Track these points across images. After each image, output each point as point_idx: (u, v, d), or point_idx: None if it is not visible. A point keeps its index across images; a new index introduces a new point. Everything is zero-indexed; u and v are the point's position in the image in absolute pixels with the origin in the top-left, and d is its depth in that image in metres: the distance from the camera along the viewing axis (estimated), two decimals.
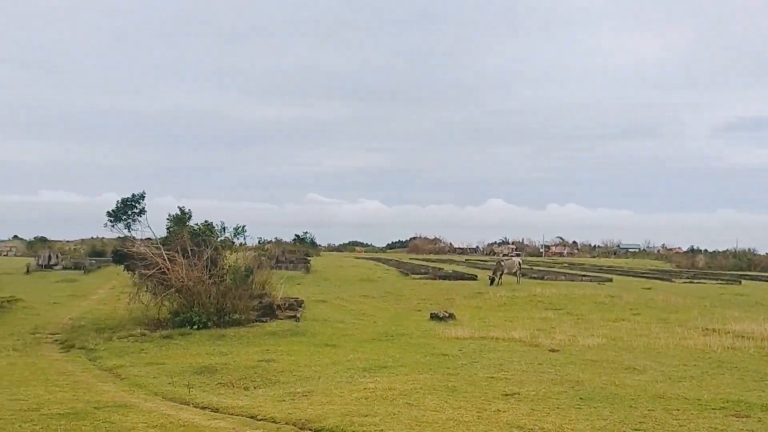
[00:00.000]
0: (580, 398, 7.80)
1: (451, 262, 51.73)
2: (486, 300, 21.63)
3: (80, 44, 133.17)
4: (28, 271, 30.23)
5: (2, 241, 63.77)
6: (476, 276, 32.05)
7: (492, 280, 27.48)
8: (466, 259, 59.05)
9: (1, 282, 18.72)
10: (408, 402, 7.57)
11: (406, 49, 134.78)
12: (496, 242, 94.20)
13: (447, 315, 16.96)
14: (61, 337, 14.31)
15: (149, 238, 17.74)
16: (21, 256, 47.97)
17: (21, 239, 65.71)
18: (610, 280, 32.37)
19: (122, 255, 17.32)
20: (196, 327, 14.40)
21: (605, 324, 16.11)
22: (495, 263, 31.57)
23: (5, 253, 50.61)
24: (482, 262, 49.87)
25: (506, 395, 7.99)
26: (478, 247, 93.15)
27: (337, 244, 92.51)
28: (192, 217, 17.97)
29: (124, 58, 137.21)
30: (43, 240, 56.48)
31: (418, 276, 33.20)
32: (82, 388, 8.59)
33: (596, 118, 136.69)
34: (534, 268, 40.52)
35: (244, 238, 18.28)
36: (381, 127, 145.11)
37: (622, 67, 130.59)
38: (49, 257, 33.41)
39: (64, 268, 32.59)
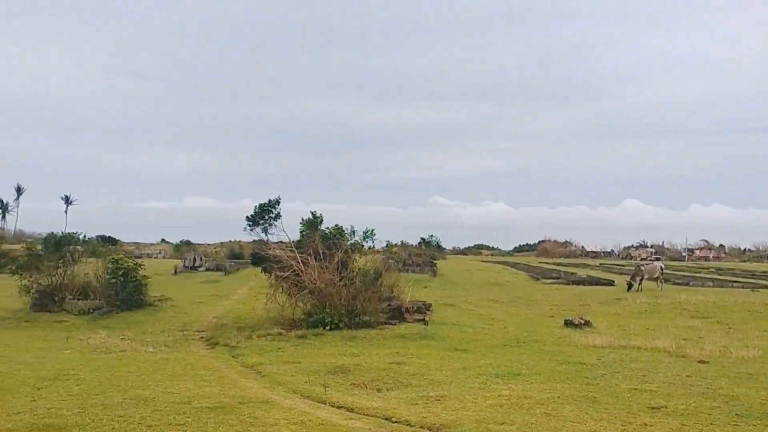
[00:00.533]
0: (736, 414, 7.18)
1: (584, 266, 49.73)
2: (625, 307, 20.56)
3: (219, 59, 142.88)
4: (175, 273, 32.77)
5: (151, 244, 69.74)
6: (613, 281, 30.57)
7: (630, 286, 26.10)
8: (600, 263, 56.50)
9: (152, 282, 20.34)
10: (546, 411, 7.34)
11: (532, 48, 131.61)
12: (633, 245, 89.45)
13: (583, 322, 16.30)
14: (206, 334, 15.33)
15: (282, 242, 18.58)
16: (169, 258, 52.10)
17: (168, 242, 71.49)
18: (766, 287, 29.62)
19: (260, 257, 18.28)
20: (328, 328, 14.88)
21: (761, 334, 14.75)
22: (634, 268, 29.99)
23: (155, 256, 55.13)
24: (618, 267, 47.53)
25: (652, 408, 7.53)
26: (613, 250, 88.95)
27: (462, 247, 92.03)
28: (323, 221, 18.64)
29: (258, 70, 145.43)
30: (188, 243, 60.99)
31: (550, 280, 32.23)
32: (228, 384, 9.14)
33: (743, 111, 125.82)
34: (677, 273, 37.98)
35: (373, 242, 18.66)
36: (506, 127, 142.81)
37: None
38: (194, 259, 36.03)
39: (207, 269, 35.01)
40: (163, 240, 78.63)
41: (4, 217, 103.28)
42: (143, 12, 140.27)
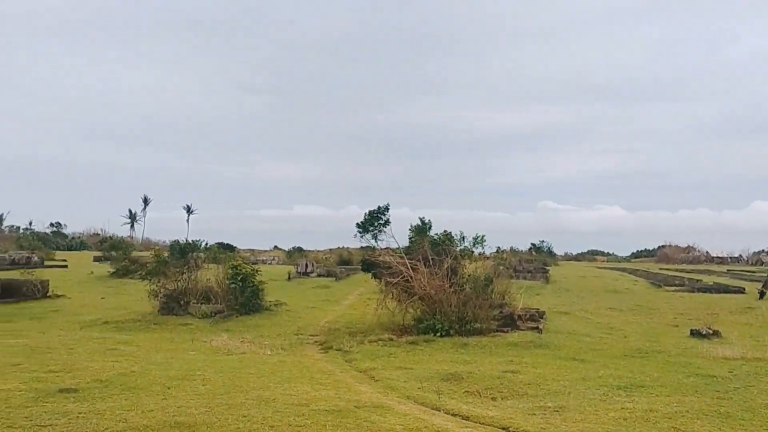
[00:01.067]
0: None
1: (710, 272, 46.57)
2: (757, 316, 19.07)
3: (325, 70, 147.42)
4: (289, 278, 33.96)
5: (265, 250, 72.65)
6: (743, 288, 28.42)
7: (762, 294, 24.21)
8: (727, 270, 52.66)
9: (268, 287, 21.21)
10: (674, 426, 6.92)
11: (648, 44, 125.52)
12: (764, 251, 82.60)
13: (711, 332, 15.27)
14: (320, 338, 15.77)
15: (389, 248, 18.77)
16: (282, 264, 54.10)
17: (280, 249, 74.24)
18: None
19: (370, 264, 18.59)
20: (439, 334, 14.87)
21: None
22: (766, 274, 27.73)
23: (269, 262, 57.42)
24: (749, 273, 44.10)
25: None
26: (741, 255, 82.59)
27: (574, 253, 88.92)
28: (432, 227, 18.67)
29: (364, 79, 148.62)
30: (299, 250, 63.08)
31: (672, 288, 30.47)
32: (343, 388, 9.34)
33: None
34: None
35: (483, 248, 18.46)
36: (620, 128, 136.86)
37: None
38: (306, 265, 37.20)
39: (319, 275, 36.02)
40: (275, 247, 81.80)
41: (132, 226, 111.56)
42: (252, 30, 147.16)
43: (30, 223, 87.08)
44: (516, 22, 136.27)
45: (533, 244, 62.01)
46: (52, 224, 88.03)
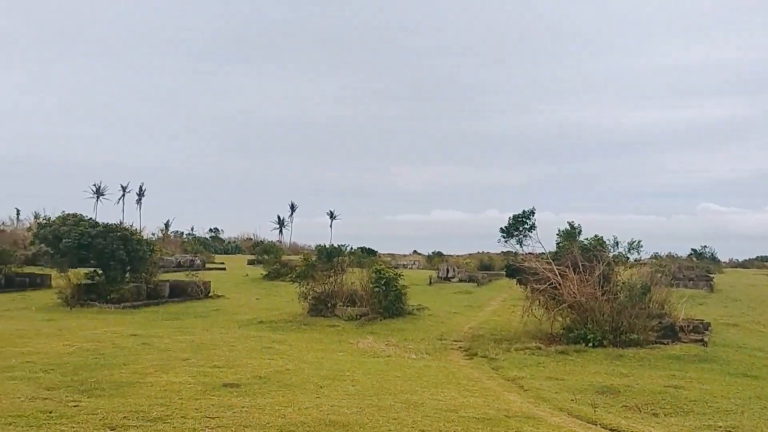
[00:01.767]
0: None
1: None
2: None
3: (461, 73, 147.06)
4: (430, 283, 34.21)
5: (405, 255, 73.66)
6: None
7: None
8: None
9: (410, 292, 21.47)
10: None
11: None
12: None
13: None
14: (464, 344, 15.69)
15: (532, 253, 18.26)
16: (422, 269, 54.60)
17: (420, 254, 74.96)
18: None
19: (514, 269, 18.21)
20: (590, 344, 14.24)
21: None
22: None
23: (410, 266, 58.18)
24: None
25: None
26: None
27: (740, 260, 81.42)
28: (581, 232, 17.95)
29: (505, 81, 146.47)
30: (439, 254, 63.29)
31: None
32: (491, 396, 9.22)
33: None
34: None
35: (639, 254, 17.42)
36: None
37: None
38: (447, 270, 37.28)
39: (460, 280, 35.95)
40: (414, 251, 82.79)
41: (281, 231, 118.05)
42: (388, 38, 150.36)
43: (192, 229, 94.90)
44: (665, 17, 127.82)
45: (694, 250, 57.71)
46: (210, 230, 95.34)
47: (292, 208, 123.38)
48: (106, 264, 22.14)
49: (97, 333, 14.13)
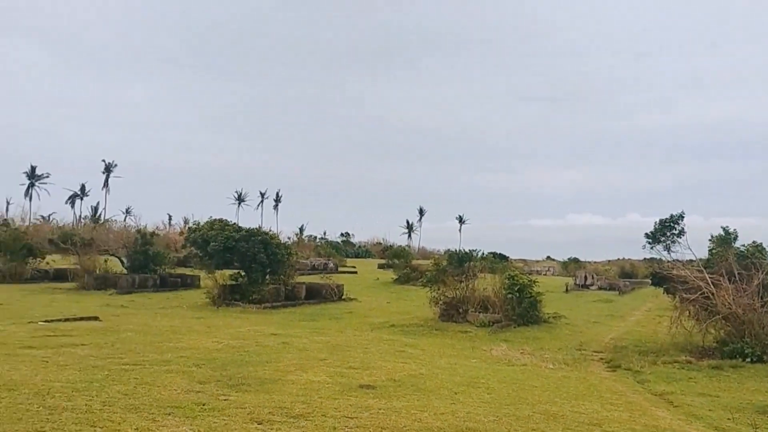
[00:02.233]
0: None
1: None
2: None
3: (605, 72, 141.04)
4: (566, 290, 33.11)
5: (538, 261, 71.80)
6: None
7: None
8: None
9: (545, 299, 20.89)
10: None
11: None
12: None
13: None
14: (605, 356, 15.01)
15: (678, 260, 17.11)
16: (557, 275, 52.99)
17: (553, 260, 72.75)
18: None
19: (661, 277, 17.17)
20: (748, 360, 13.15)
21: None
22: None
23: (544, 273, 56.67)
24: None
25: None
26: None
27: None
28: (737, 238, 16.59)
29: (648, 78, 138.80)
30: (575, 261, 61.10)
31: None
32: (637, 410, 8.75)
33: None
34: None
35: None
36: None
37: None
38: (585, 277, 35.90)
39: (599, 288, 34.48)
40: (548, 257, 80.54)
41: (410, 235, 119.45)
42: (526, 37, 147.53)
43: (324, 233, 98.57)
44: None
45: None
46: (342, 234, 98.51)
47: (421, 212, 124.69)
48: (248, 266, 23.50)
49: (242, 331, 15.01)
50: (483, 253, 35.02)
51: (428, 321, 19.64)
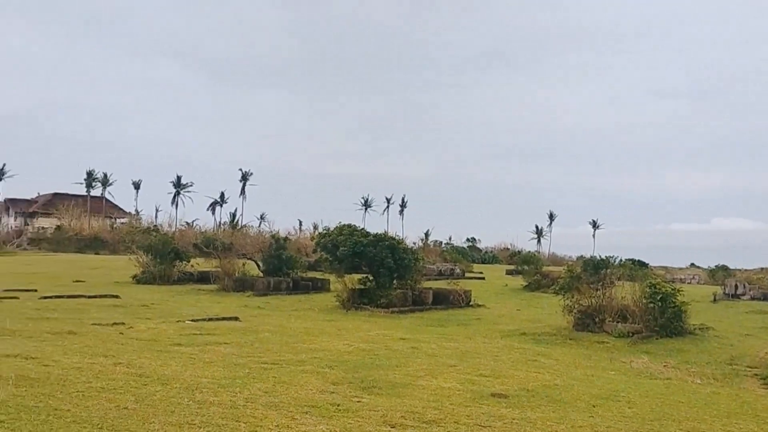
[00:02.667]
0: None
1: None
2: None
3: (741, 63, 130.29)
4: (714, 300, 30.82)
5: (681, 268, 67.43)
6: None
7: None
8: None
9: (691, 309, 19.55)
10: None
11: None
12: None
13: None
14: (761, 371, 13.82)
15: None
16: (702, 284, 49.49)
17: (698, 267, 68.07)
18: None
19: None
20: None
21: None
22: None
23: (688, 281, 53.18)
24: None
25: None
26: None
27: None
28: None
29: None
30: (724, 268, 56.79)
31: None
32: None
33: None
34: None
35: None
36: None
37: None
38: (735, 286, 33.23)
39: (752, 298, 31.78)
40: (692, 264, 75.46)
41: (539, 241, 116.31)
42: (661, 31, 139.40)
43: (449, 238, 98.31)
44: None
45: None
46: (468, 239, 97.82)
47: (551, 217, 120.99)
48: (376, 271, 23.97)
49: (371, 335, 15.34)
50: (621, 260, 33.47)
51: (561, 330, 19.02)
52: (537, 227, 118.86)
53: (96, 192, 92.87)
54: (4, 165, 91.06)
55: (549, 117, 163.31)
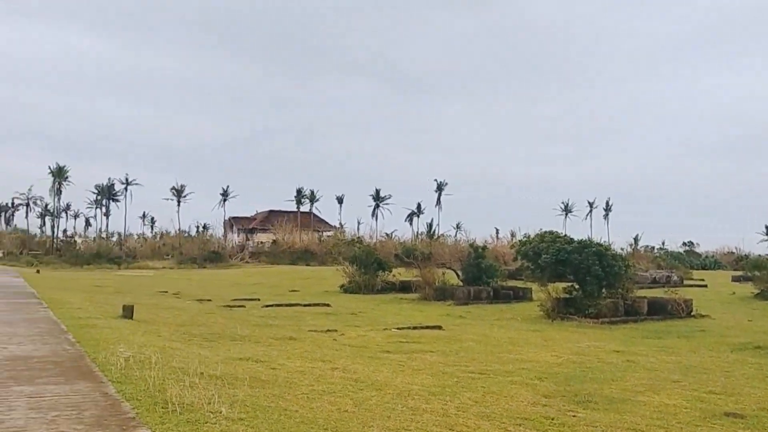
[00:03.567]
0: None
1: None
2: None
3: None
4: None
5: None
6: None
7: None
8: None
9: None
10: None
11: None
12: None
13: None
14: None
15: None
16: None
17: None
18: None
19: None
20: None
21: None
22: None
23: None
24: None
25: None
26: None
27: None
28: None
29: None
30: None
31: None
32: None
33: None
34: None
35: None
36: None
37: None
38: None
39: None
40: None
41: None
42: None
43: (662, 243, 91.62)
44: None
45: None
46: (684, 243, 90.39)
47: None
48: (582, 279, 23.02)
49: (580, 346, 14.75)
50: None
51: None
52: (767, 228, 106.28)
53: (304, 208, 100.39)
54: (228, 187, 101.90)
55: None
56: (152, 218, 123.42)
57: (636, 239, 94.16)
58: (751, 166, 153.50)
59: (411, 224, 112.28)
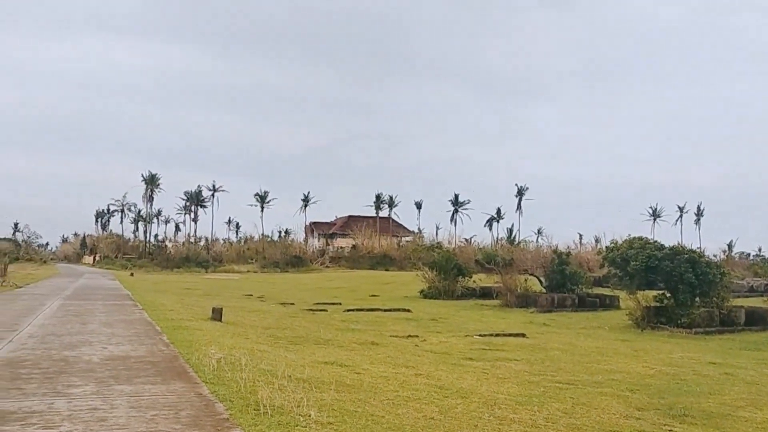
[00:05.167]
0: None
1: None
2: None
3: None
4: None
5: None
6: None
7: None
8: None
9: None
10: None
11: None
12: None
13: None
14: None
15: None
16: None
17: None
18: None
19: None
20: None
21: None
22: None
23: None
24: None
25: None
26: None
27: None
28: None
29: None
30: None
31: None
32: None
33: None
34: None
35: None
36: None
37: None
38: None
39: None
40: None
41: None
42: None
43: (759, 250, 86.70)
44: None
45: None
46: None
47: None
48: (674, 287, 22.07)
49: (673, 357, 14.15)
50: None
51: None
52: None
53: (383, 213, 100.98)
54: (309, 192, 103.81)
55: None
56: (237, 223, 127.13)
57: (730, 245, 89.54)
58: None
59: (490, 229, 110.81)
